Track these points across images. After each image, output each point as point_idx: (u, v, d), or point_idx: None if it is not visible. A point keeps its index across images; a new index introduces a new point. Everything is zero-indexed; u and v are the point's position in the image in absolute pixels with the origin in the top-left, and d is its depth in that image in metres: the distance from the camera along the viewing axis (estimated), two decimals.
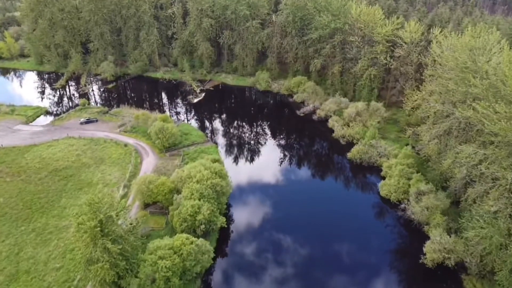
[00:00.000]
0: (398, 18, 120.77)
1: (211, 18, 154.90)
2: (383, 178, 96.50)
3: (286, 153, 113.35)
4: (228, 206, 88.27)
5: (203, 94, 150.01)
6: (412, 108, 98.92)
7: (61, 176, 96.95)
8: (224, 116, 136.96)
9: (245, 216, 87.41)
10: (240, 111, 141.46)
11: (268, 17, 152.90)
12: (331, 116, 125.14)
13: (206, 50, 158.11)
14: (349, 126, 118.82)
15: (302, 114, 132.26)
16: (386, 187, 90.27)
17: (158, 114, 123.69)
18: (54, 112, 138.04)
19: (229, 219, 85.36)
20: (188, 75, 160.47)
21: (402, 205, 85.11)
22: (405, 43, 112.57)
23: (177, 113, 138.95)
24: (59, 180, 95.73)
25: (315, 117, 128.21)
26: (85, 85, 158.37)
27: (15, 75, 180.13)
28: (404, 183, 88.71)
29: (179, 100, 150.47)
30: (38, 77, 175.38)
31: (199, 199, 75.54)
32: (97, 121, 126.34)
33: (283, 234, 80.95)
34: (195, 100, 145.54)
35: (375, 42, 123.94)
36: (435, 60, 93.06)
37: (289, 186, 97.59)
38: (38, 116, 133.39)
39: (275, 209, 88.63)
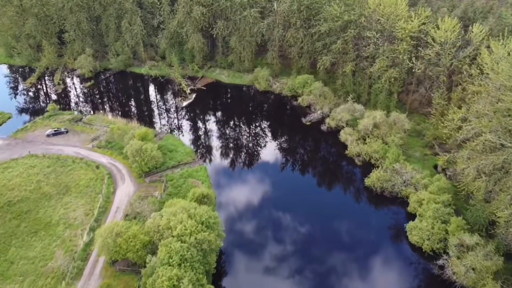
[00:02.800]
0: (425, 10, 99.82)
1: (203, 5, 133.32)
2: (411, 215, 78.36)
3: (289, 176, 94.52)
4: (220, 253, 70.35)
5: (194, 96, 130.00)
6: (450, 130, 79.36)
7: (15, 213, 78.74)
8: (216, 124, 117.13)
9: (240, 268, 69.91)
10: (236, 117, 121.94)
11: (268, 4, 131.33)
12: (343, 127, 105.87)
13: (197, 43, 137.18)
14: (365, 140, 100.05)
15: (308, 123, 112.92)
16: (416, 232, 72.04)
17: (137, 126, 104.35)
18: (20, 119, 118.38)
19: (221, 270, 68.11)
20: (176, 71, 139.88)
21: (440, 261, 67.06)
22: (435, 41, 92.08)
23: (162, 120, 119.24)
24: (11, 219, 77.57)
25: (324, 127, 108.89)
26: (59, 84, 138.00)
27: None
28: (440, 228, 70.63)
29: (166, 103, 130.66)
30: (9, 71, 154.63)
31: (180, 264, 57.58)
32: (67, 132, 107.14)
33: None
34: (184, 103, 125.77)
35: (396, 38, 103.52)
36: (481, 71, 73.53)
37: (292, 222, 79.44)
38: None
39: (276, 256, 70.94)
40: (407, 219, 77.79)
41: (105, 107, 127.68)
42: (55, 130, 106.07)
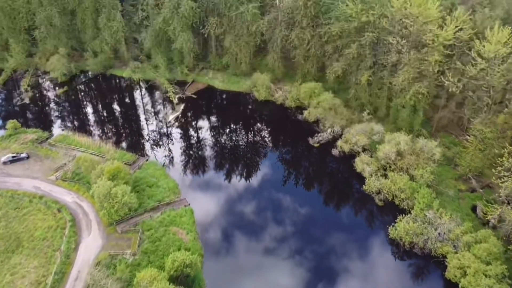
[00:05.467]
0: (463, 13, 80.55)
1: (192, 0, 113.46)
2: (450, 282, 61.65)
3: (294, 221, 76.51)
4: None
5: (182, 106, 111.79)
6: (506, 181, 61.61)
7: None
8: (206, 147, 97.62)
9: None
10: (230, 136, 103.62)
11: None
12: (358, 152, 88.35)
13: (186, 43, 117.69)
14: (385, 170, 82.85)
15: (316, 144, 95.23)
16: None
17: (111, 152, 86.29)
18: None
19: None
20: (163, 75, 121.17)
21: None
22: (480, 55, 73.67)
23: (143, 141, 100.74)
24: None
25: (335, 151, 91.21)
26: (26, 90, 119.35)
27: None
28: None
29: (149, 116, 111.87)
30: None
31: None
32: (28, 157, 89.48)
33: None
34: (171, 117, 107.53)
35: (425, 45, 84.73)
36: None
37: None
38: None
39: None
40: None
41: (78, 121, 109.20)
42: (13, 156, 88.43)
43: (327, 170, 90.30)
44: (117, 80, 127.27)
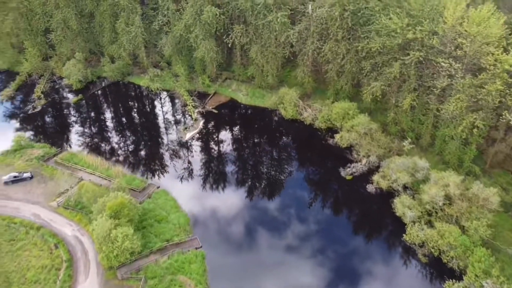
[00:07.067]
0: None
1: (216, 6, 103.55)
2: None
3: (319, 272, 66.12)
4: None
5: (201, 123, 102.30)
6: None
7: None
8: (223, 171, 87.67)
9: None
10: (252, 160, 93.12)
11: (301, 7, 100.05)
12: (398, 191, 76.54)
13: (208, 52, 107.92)
14: (430, 216, 70.95)
15: (349, 177, 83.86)
16: None
17: (117, 181, 77.17)
18: None
19: None
20: (182, 86, 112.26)
21: None
22: None
23: (156, 164, 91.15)
24: None
25: (370, 187, 79.70)
26: (39, 98, 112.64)
27: None
28: None
29: (165, 132, 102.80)
30: None
31: None
32: (31, 177, 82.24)
33: None
34: (188, 136, 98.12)
35: (484, 70, 71.86)
36: None
37: None
38: None
39: None
40: None
41: (88, 136, 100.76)
42: (14, 176, 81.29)
43: (361, 211, 78.63)
44: (135, 89, 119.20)
